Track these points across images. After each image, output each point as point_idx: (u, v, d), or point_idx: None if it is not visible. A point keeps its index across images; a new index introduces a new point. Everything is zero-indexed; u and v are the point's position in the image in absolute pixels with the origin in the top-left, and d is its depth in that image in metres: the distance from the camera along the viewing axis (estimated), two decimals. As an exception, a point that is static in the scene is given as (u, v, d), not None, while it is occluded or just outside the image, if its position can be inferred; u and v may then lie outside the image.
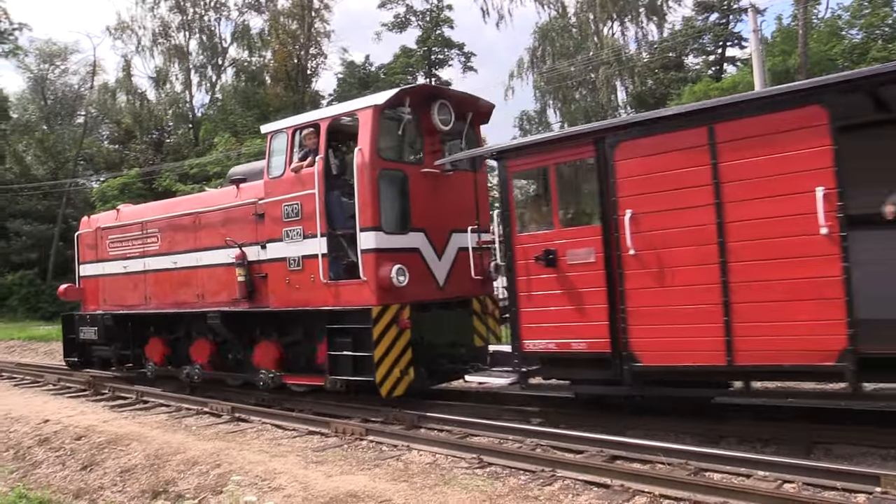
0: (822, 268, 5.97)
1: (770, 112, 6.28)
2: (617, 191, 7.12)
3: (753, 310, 6.33)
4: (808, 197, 5.97)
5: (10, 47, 48.41)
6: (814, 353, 6.03)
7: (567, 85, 36.88)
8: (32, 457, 9.34)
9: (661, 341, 6.89)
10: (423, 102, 9.97)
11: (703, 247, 6.57)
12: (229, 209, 11.01)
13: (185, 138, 46.23)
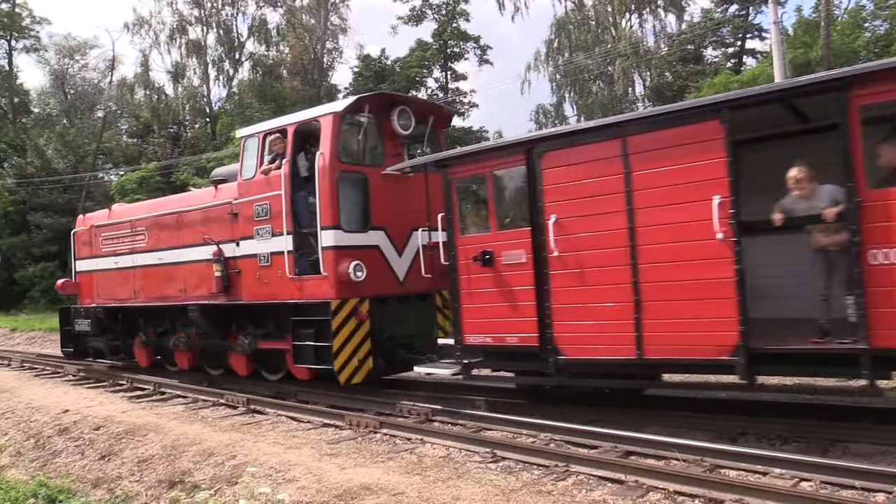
0: (717, 270, 6.49)
1: (675, 126, 6.79)
2: (543, 197, 7.70)
3: (660, 308, 6.88)
4: (706, 205, 6.47)
5: (32, 42, 48.95)
6: (711, 348, 6.57)
7: (584, 78, 36.65)
8: (52, 446, 9.45)
9: (581, 336, 7.47)
10: (383, 108, 10.64)
11: (617, 249, 7.14)
12: (208, 209, 11.68)
13: (202, 132, 46.48)
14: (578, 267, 7.45)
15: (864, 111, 5.88)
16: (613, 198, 7.14)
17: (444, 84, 47.31)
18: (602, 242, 7.27)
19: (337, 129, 9.83)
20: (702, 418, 7.44)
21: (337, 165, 9.77)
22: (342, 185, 9.81)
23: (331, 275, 9.59)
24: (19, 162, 45.08)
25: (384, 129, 10.74)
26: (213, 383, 12.17)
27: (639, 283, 6.99)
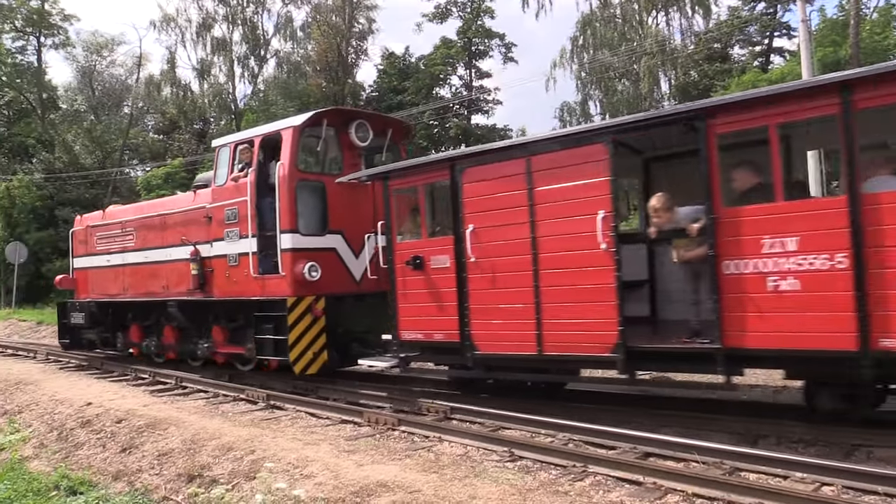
0: (600, 277, 7.33)
1: (568, 148, 7.63)
2: (463, 209, 8.52)
3: (556, 309, 7.73)
4: (592, 219, 7.29)
5: (61, 39, 49.63)
6: (597, 346, 7.41)
7: (609, 76, 36.43)
8: (75, 438, 9.57)
9: (492, 333, 8.34)
10: (343, 122, 11.59)
11: (522, 257, 7.97)
12: (187, 212, 12.65)
13: (227, 129, 46.87)
14: (491, 272, 8.32)
15: (721, 139, 6.63)
16: (519, 210, 7.99)
17: (469, 82, 47.27)
18: (510, 250, 8.12)
19: (296, 142, 10.74)
20: (721, 420, 7.35)
21: (295, 174, 10.67)
22: (300, 193, 10.70)
23: (288, 274, 10.51)
24: (47, 157, 45.73)
25: (343, 141, 11.60)
26: (234, 378, 12.25)
27: (539, 288, 7.83)
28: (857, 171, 5.93)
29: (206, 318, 12.45)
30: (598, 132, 7.49)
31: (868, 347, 5.81)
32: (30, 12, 47.24)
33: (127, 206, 16.18)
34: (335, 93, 45.31)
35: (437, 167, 9.03)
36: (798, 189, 6.80)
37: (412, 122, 42.01)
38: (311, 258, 10.51)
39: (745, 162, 6.82)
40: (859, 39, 23.23)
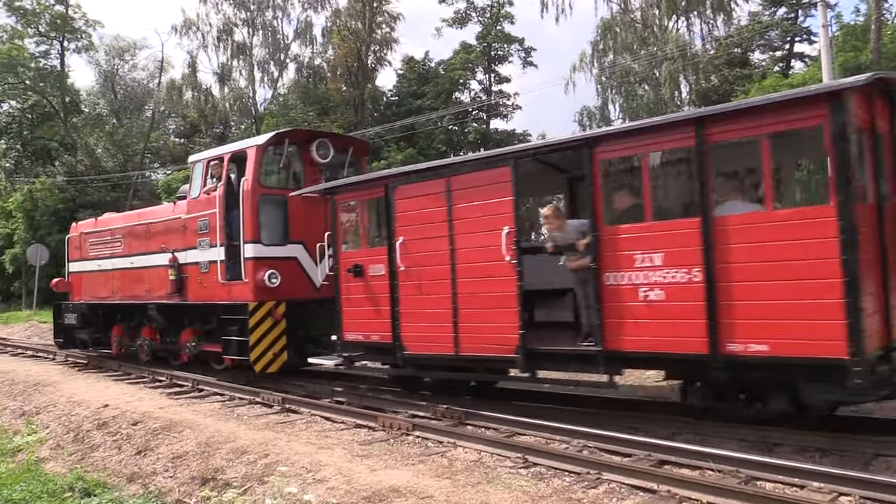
0: (505, 285, 8.17)
1: (480, 170, 8.53)
2: (395, 222, 9.39)
3: (470, 314, 8.57)
4: (498, 233, 8.14)
5: (84, 43, 50.22)
6: (502, 347, 8.21)
7: (629, 80, 36.26)
8: (91, 440, 9.64)
9: (418, 335, 9.20)
10: (304, 141, 12.62)
11: (442, 266, 8.82)
12: (168, 221, 13.58)
13: (248, 133, 47.17)
14: (417, 280, 9.19)
15: (603, 165, 7.45)
16: (440, 225, 8.84)
17: (488, 86, 47.26)
18: (432, 260, 8.97)
19: (258, 159, 11.74)
20: (738, 428, 7.24)
21: (258, 189, 11.62)
22: (263, 206, 11.64)
23: (250, 281, 11.46)
24: (69, 160, 46.32)
25: (305, 158, 12.57)
26: (251, 381, 12.31)
27: (456, 294, 8.69)
28: (710, 196, 6.69)
29: (182, 321, 13.29)
30: (503, 157, 8.42)
31: (717, 351, 6.58)
32: (53, 17, 47.85)
33: (117, 214, 17.19)
34: (355, 97, 45.47)
35: (374, 184, 9.93)
36: (665, 210, 7.45)
37: (432, 126, 42.22)
38: (272, 266, 11.50)
39: (624, 185, 7.65)
40: (881, 44, 22.94)
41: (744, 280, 6.46)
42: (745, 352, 6.45)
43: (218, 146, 48.12)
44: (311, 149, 12.45)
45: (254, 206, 11.50)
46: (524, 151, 8.45)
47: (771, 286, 6.31)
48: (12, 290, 44.11)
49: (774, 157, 6.61)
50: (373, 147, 40.74)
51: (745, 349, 6.45)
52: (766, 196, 6.63)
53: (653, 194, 7.27)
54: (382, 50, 47.13)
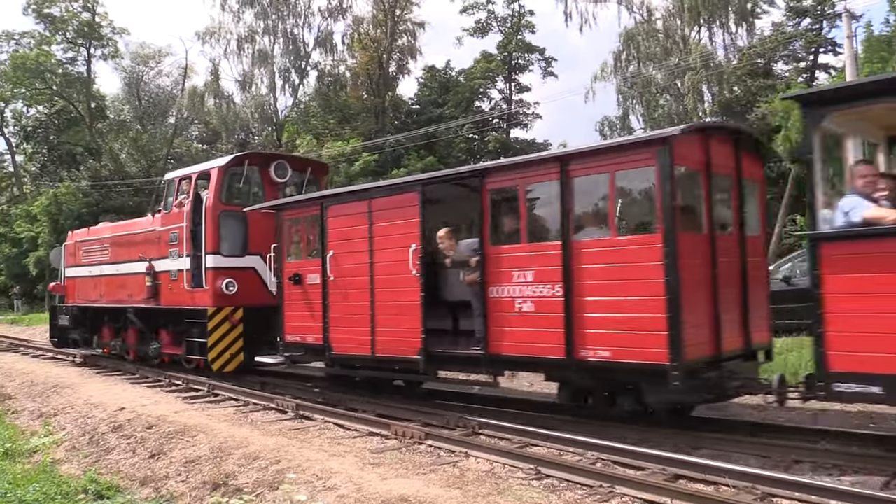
0: (411, 295, 9.31)
1: (395, 194, 9.75)
2: (327, 237, 10.58)
3: (384, 320, 9.75)
4: (406, 250, 9.30)
5: (111, 50, 50.94)
6: (409, 350, 9.36)
7: (651, 90, 36.08)
8: (106, 443, 9.68)
9: (343, 338, 10.41)
10: (264, 162, 14.03)
11: (364, 277, 10.01)
12: (146, 233, 14.83)
13: (269, 140, 47.52)
14: (344, 288, 10.39)
15: (490, 193, 8.61)
16: (363, 241, 10.02)
17: (508, 95, 47.30)
18: (356, 272, 10.15)
19: (220, 179, 13.06)
20: (755, 443, 7.14)
21: (219, 206, 12.91)
22: (223, 221, 12.91)
23: (210, 288, 12.73)
24: (94, 165, 46.93)
25: (265, 178, 13.84)
26: (266, 387, 12.35)
27: (374, 302, 9.85)
28: (570, 223, 7.81)
29: (157, 323, 14.62)
30: (412, 183, 9.79)
31: (573, 356, 7.65)
32: (80, 24, 48.56)
33: (107, 224, 18.66)
34: (375, 105, 45.68)
35: (312, 203, 11.10)
36: (537, 234, 8.41)
37: (452, 135, 42.28)
38: (230, 275, 12.79)
39: (506, 211, 8.71)
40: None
41: (593, 296, 7.56)
42: (593, 357, 7.55)
43: (239, 153, 48.66)
44: (269, 169, 13.81)
45: (215, 221, 12.85)
46: (429, 179, 9.79)
47: (613, 302, 7.40)
48: (35, 292, 44.68)
49: (618, 191, 7.76)
50: (393, 155, 41.04)
51: (594, 355, 7.55)
52: (611, 225, 7.71)
53: (528, 220, 8.41)
54: (404, 58, 47.32)
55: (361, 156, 37.32)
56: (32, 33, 49.30)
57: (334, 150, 36.99)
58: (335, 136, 40.12)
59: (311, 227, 11.30)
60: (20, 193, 53.15)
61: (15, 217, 48.83)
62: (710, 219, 7.82)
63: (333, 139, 39.31)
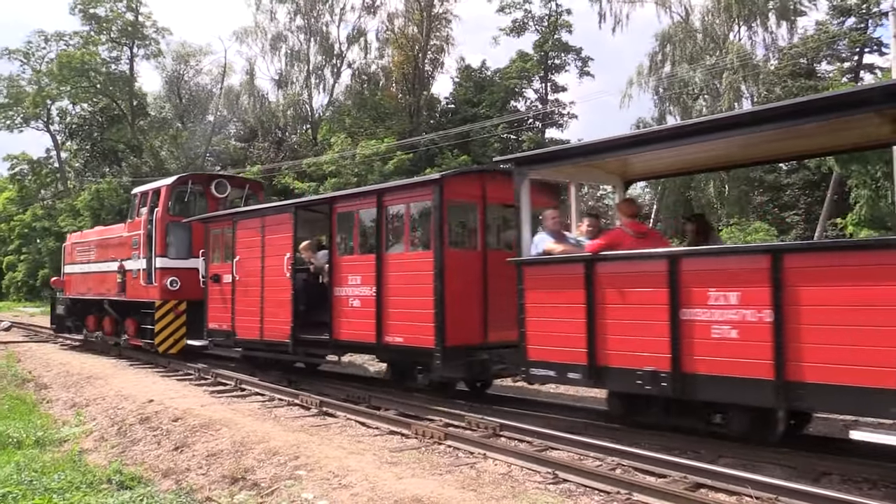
0: (285, 293, 12.07)
1: (278, 214, 12.67)
2: (236, 246, 13.51)
3: (269, 310, 12.46)
4: (282, 258, 12.15)
5: (153, 50, 51.81)
6: (282, 335, 12.05)
7: (688, 92, 35.57)
8: (133, 434, 9.82)
9: (244, 326, 13.21)
10: (206, 181, 17.08)
11: (257, 278, 12.83)
12: (119, 237, 17.70)
13: (304, 138, 47.88)
14: (245, 286, 13.21)
15: (338, 216, 11.36)
16: (257, 249, 12.85)
17: (544, 95, 46.99)
18: (253, 273, 12.95)
19: (167, 195, 15.98)
20: (782, 453, 6.94)
21: (166, 217, 15.78)
22: (171, 230, 15.69)
23: (158, 284, 15.46)
24: (135, 162, 47.73)
25: (207, 194, 16.64)
26: (292, 383, 12.43)
27: (263, 298, 12.65)
28: (383, 240, 10.43)
29: (126, 314, 17.20)
30: (287, 206, 12.72)
31: (381, 341, 10.27)
32: (124, 24, 49.46)
33: (95, 228, 22.22)
34: (410, 104, 45.75)
35: (227, 218, 13.98)
36: (364, 248, 11.10)
37: (486, 134, 42.13)
38: (174, 274, 15.44)
39: (346, 229, 11.48)
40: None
41: (394, 296, 10.11)
42: (393, 342, 10.11)
43: (275, 151, 49.07)
44: (211, 187, 16.65)
45: (163, 230, 15.63)
46: (298, 204, 12.65)
47: (406, 301, 9.93)
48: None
49: (411, 218, 10.21)
50: (427, 154, 41.04)
51: (393, 340, 10.10)
52: (405, 242, 10.37)
53: (359, 237, 11.19)
54: (439, 56, 47.33)
55: (396, 155, 37.41)
56: (81, 33, 50.40)
57: (368, 149, 37.11)
58: (369, 135, 40.24)
59: (226, 237, 13.95)
60: (64, 189, 54.35)
61: (59, 212, 49.98)
62: (484, 239, 10.32)
63: (367, 138, 39.42)
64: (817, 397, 6.23)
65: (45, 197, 56.94)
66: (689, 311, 6.96)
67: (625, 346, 7.48)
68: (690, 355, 6.94)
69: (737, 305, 6.63)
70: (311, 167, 38.70)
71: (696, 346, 6.90)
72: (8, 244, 57.14)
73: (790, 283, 6.30)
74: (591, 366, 7.68)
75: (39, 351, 20.18)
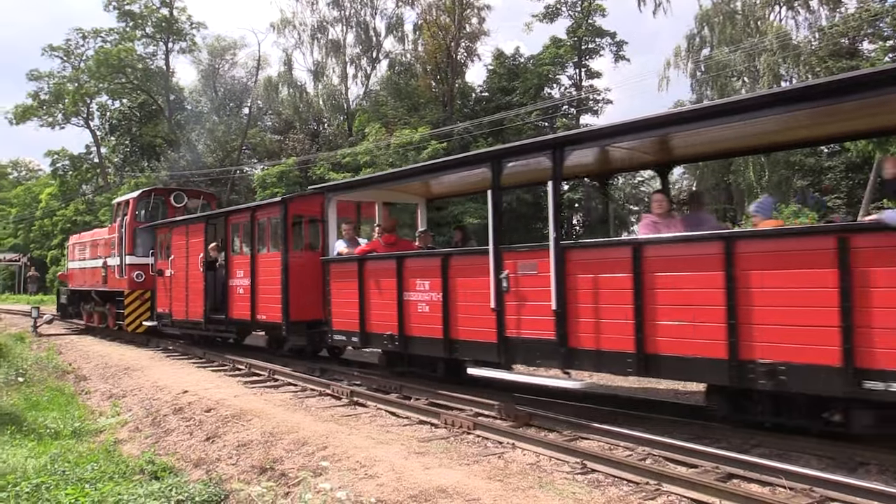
0: (200, 284, 15.81)
1: (196, 224, 16.53)
2: (171, 247, 17.42)
3: (192, 297, 16.30)
4: (198, 256, 15.77)
5: (188, 44, 52.42)
6: (199, 315, 16.00)
7: (726, 74, 34.82)
8: (167, 424, 9.95)
9: (177, 309, 17.02)
10: (167, 193, 21.11)
11: (183, 272, 16.70)
12: (105, 238, 21.43)
13: (340, 129, 48.02)
14: (177, 279, 17.02)
15: (231, 225, 15.55)
16: (183, 250, 16.73)
17: (578, 82, 46.46)
18: (181, 269, 16.85)
19: (133, 205, 20.03)
20: (819, 443, 6.73)
21: (133, 223, 19.71)
22: (137, 233, 19.53)
23: (127, 277, 19.35)
24: (172, 155, 48.39)
25: (168, 204, 20.60)
26: (324, 373, 12.48)
27: (188, 287, 16.44)
28: (255, 244, 14.26)
29: (108, 300, 21.12)
30: (201, 217, 16.62)
31: (255, 319, 14.10)
32: (159, 20, 50.09)
33: (89, 231, 26.22)
34: (444, 93, 45.59)
35: (166, 226, 18.12)
36: (246, 248, 15.03)
37: (520, 122, 41.81)
38: (140, 269, 19.26)
39: (237, 235, 15.67)
40: None
41: (262, 285, 13.86)
42: (261, 318, 13.90)
43: (311, 142, 49.16)
44: (170, 198, 20.63)
45: (130, 233, 19.54)
46: (209, 215, 16.67)
47: (269, 289, 13.56)
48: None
49: (272, 227, 13.81)
50: (462, 143, 40.87)
51: (261, 317, 13.89)
52: (267, 245, 13.97)
53: (242, 241, 15.46)
54: (472, 43, 47.05)
55: (430, 144, 37.30)
56: (117, 29, 51.21)
57: (403, 139, 37.07)
58: (404, 125, 40.19)
59: (167, 240, 17.85)
60: (105, 183, 55.40)
61: (99, 206, 50.96)
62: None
63: (401, 127, 39.39)
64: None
65: (86, 192, 58.12)
66: (406, 293, 10.24)
67: (379, 318, 10.73)
68: (408, 323, 10.27)
69: (428, 291, 9.94)
70: (347, 158, 38.80)
71: (412, 318, 10.20)
72: (51, 239, 58.51)
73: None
74: (363, 332, 10.96)
75: (80, 343, 20.62)
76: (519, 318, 8.61)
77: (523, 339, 8.55)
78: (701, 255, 6.85)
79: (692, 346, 6.80)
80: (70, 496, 6.42)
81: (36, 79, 53.88)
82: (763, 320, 6.35)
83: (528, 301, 8.48)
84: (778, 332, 6.25)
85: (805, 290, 6.09)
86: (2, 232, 65.13)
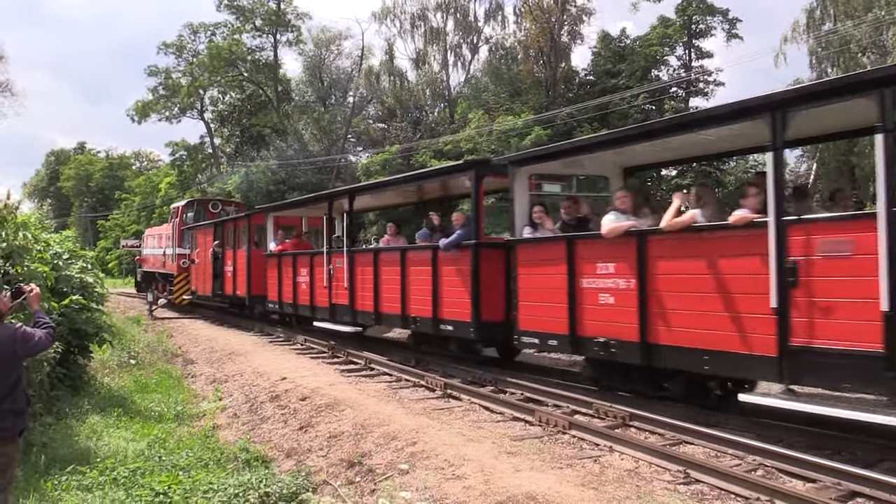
0: (210, 270, 23.02)
1: (207, 228, 23.99)
2: (196, 243, 24.97)
3: (203, 280, 24.19)
4: (209, 250, 23.19)
5: (295, 36, 53.75)
6: (209, 291, 23.74)
7: (850, 49, 32.42)
8: (263, 412, 10.07)
9: (201, 287, 24.27)
10: (206, 202, 29.08)
11: (203, 260, 23.80)
12: (166, 233, 28.26)
13: (441, 116, 48.01)
14: (202, 266, 23.83)
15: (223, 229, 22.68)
16: (203, 245, 23.81)
17: (687, 63, 44.54)
18: (204, 259, 23.47)
19: (182, 211, 27.45)
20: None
21: (181, 224, 26.56)
22: (185, 234, 26.15)
23: (175, 263, 26.26)
24: (280, 145, 49.75)
25: (207, 211, 27.26)
26: (420, 363, 12.36)
27: (204, 272, 23.52)
28: (252, 240, 20.38)
29: (167, 281, 27.89)
30: (210, 224, 23.76)
31: (235, 294, 21.10)
32: (267, 13, 51.53)
33: (160, 226, 32.62)
34: (547, 77, 44.73)
35: (196, 228, 24.71)
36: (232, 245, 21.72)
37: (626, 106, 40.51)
38: (185, 258, 25.68)
39: (234, 235, 21.42)
40: None
41: (239, 270, 20.52)
42: (235, 293, 20.73)
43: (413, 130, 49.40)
44: (208, 206, 27.86)
45: (179, 233, 26.44)
46: (216, 222, 23.36)
47: (242, 272, 20.24)
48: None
49: (256, 231, 20.27)
50: (565, 128, 40.09)
51: (235, 293, 20.72)
52: (251, 243, 20.19)
53: (229, 240, 21.65)
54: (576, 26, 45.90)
55: (533, 129, 36.68)
56: (226, 23, 53.09)
57: (505, 125, 36.63)
58: (505, 111, 39.71)
59: (196, 237, 24.69)
60: (218, 173, 57.68)
61: (213, 194, 53.12)
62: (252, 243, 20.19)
63: (503, 114, 38.93)
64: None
65: (202, 181, 60.70)
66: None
67: (300, 292, 16.65)
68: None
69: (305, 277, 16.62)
70: (448, 146, 38.72)
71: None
72: (170, 226, 61.50)
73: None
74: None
75: (190, 327, 21.47)
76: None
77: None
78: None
79: None
80: (163, 483, 6.50)
81: (154, 74, 56.67)
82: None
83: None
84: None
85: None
86: (126, 219, 68.92)
